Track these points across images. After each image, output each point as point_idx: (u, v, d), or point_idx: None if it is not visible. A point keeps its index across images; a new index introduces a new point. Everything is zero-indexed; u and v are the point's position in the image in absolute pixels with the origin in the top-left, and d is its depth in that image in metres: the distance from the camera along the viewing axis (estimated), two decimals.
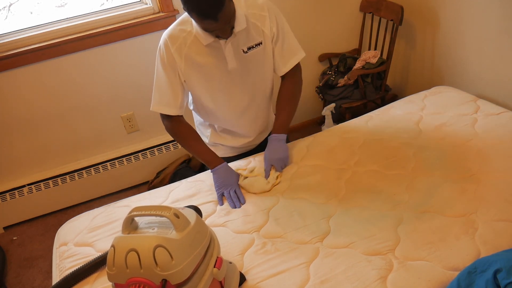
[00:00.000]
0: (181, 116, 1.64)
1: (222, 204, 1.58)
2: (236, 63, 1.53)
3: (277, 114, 1.70)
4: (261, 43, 1.55)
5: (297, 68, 1.69)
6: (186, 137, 1.65)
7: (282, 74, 1.67)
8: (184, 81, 1.55)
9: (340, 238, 1.34)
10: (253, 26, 1.51)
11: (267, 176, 1.63)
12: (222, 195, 1.60)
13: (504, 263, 0.98)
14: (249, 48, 1.53)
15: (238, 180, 1.63)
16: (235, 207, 1.54)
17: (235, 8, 1.40)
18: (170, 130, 1.65)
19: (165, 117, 1.63)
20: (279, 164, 1.65)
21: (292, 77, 1.68)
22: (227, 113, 1.68)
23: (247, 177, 1.63)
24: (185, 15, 1.50)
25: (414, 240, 1.29)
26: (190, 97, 1.71)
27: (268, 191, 1.59)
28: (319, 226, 1.40)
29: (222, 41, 1.46)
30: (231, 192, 1.58)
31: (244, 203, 1.56)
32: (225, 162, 1.64)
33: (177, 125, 1.63)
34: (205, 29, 1.39)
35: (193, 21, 1.45)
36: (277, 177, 1.63)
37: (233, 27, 1.42)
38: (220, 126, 1.76)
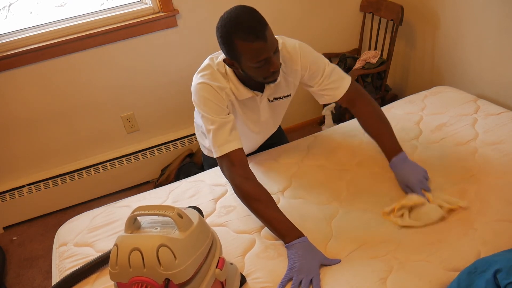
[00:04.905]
0: (250, 172, 1.41)
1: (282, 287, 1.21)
2: (268, 114, 1.57)
3: (381, 139, 1.52)
4: (290, 95, 1.57)
5: (360, 89, 1.55)
6: (255, 199, 1.36)
7: (339, 98, 1.53)
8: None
9: (342, 244, 1.32)
10: (284, 80, 1.50)
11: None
12: (290, 280, 1.21)
13: (504, 263, 0.98)
14: (275, 99, 1.54)
15: (321, 261, 1.25)
16: None
17: None
18: (236, 187, 1.39)
19: (231, 171, 1.38)
20: (425, 183, 1.43)
21: (362, 99, 1.54)
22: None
23: (399, 213, 1.36)
24: (209, 72, 1.41)
25: (415, 241, 1.29)
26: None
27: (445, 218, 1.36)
28: (320, 230, 1.38)
29: (258, 95, 1.47)
30: (307, 280, 1.19)
31: None
32: (305, 237, 1.29)
33: (244, 182, 1.37)
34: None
35: (231, 73, 1.40)
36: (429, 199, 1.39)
37: (281, 63, 1.36)
38: None
